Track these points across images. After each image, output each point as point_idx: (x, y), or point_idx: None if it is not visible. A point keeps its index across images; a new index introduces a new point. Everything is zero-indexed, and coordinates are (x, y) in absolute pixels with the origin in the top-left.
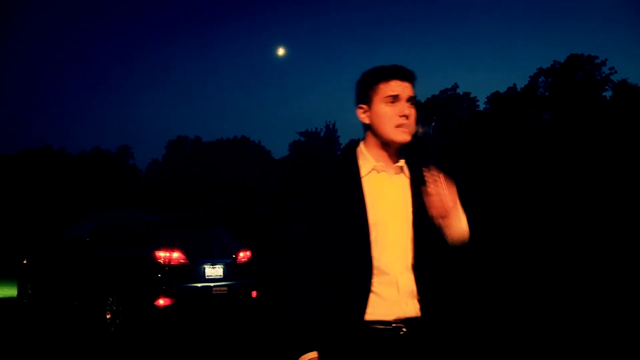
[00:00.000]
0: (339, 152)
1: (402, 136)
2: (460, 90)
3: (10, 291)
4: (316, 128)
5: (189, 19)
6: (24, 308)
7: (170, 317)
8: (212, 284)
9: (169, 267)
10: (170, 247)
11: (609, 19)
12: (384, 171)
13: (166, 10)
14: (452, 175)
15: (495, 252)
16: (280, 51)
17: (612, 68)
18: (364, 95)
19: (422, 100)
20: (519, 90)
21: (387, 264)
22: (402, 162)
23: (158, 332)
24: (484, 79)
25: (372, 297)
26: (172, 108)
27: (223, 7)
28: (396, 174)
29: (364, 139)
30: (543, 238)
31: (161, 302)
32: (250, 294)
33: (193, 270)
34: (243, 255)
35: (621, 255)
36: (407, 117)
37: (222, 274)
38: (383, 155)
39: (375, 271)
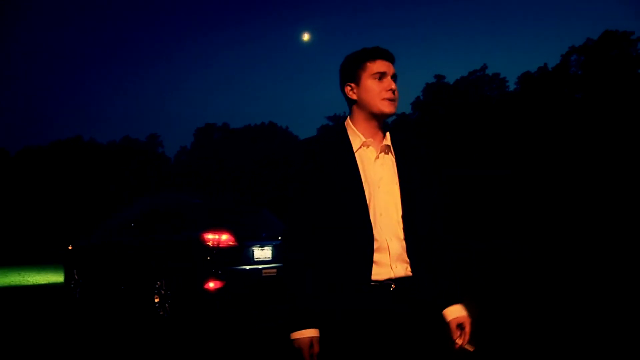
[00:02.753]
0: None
1: (389, 108)
2: (489, 71)
3: (56, 277)
4: (344, 112)
5: (215, 8)
6: (71, 293)
7: (221, 301)
8: (261, 266)
9: (217, 250)
10: (218, 229)
11: None
12: (372, 146)
13: (193, 1)
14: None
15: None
16: (306, 36)
17: None
18: (352, 73)
19: (451, 82)
20: (550, 69)
21: (379, 231)
22: (388, 139)
23: (208, 316)
24: (514, 59)
25: (374, 259)
26: (200, 96)
27: None
28: (382, 151)
29: (349, 115)
30: (577, 220)
31: (211, 285)
32: None
33: (242, 252)
34: None
35: None
36: (393, 91)
37: (270, 256)
38: (370, 130)
39: (375, 237)
